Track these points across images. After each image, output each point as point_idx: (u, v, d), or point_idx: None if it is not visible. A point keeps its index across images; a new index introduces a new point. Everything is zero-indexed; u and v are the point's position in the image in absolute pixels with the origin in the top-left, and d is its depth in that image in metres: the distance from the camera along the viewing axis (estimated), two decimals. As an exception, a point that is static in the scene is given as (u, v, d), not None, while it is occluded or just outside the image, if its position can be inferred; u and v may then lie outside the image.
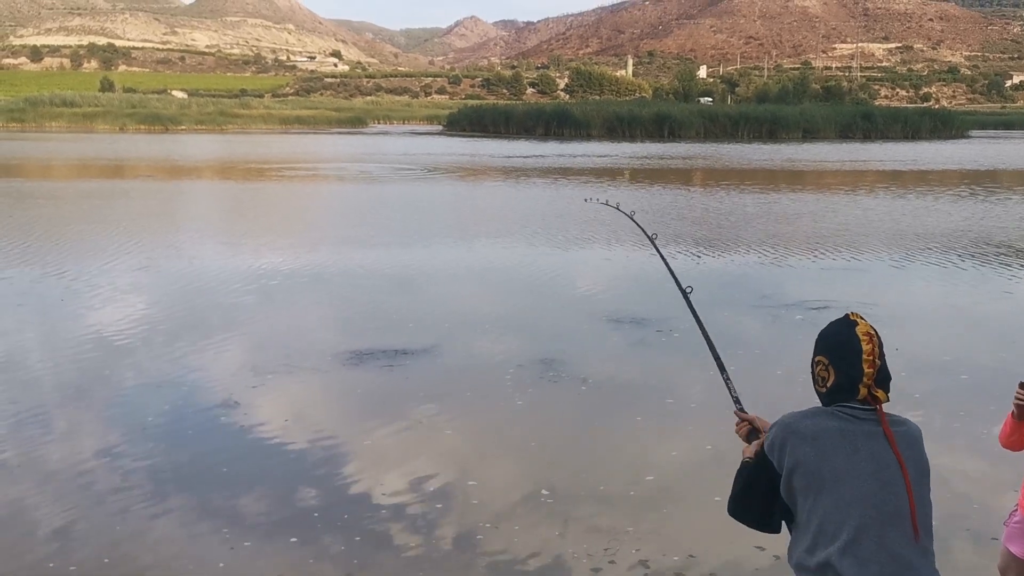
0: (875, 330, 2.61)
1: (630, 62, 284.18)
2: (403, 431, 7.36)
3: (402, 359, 9.32)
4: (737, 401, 3.20)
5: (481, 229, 19.62)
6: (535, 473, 6.56)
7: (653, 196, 27.61)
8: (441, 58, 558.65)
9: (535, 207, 24.37)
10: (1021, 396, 3.91)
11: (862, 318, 2.64)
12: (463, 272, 14.71)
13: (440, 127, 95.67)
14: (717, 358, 3.35)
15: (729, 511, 2.84)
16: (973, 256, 16.43)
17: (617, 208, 4.75)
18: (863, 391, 2.55)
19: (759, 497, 2.70)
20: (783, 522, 2.74)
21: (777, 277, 14.26)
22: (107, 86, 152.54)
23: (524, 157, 47.28)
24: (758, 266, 15.26)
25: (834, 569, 2.43)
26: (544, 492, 6.21)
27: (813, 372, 2.70)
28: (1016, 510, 4.26)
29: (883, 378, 2.58)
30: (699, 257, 16.23)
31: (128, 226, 19.48)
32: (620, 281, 14.08)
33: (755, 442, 2.93)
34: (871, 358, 2.55)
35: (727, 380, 3.26)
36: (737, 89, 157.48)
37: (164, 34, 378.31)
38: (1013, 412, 4.00)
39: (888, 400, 2.55)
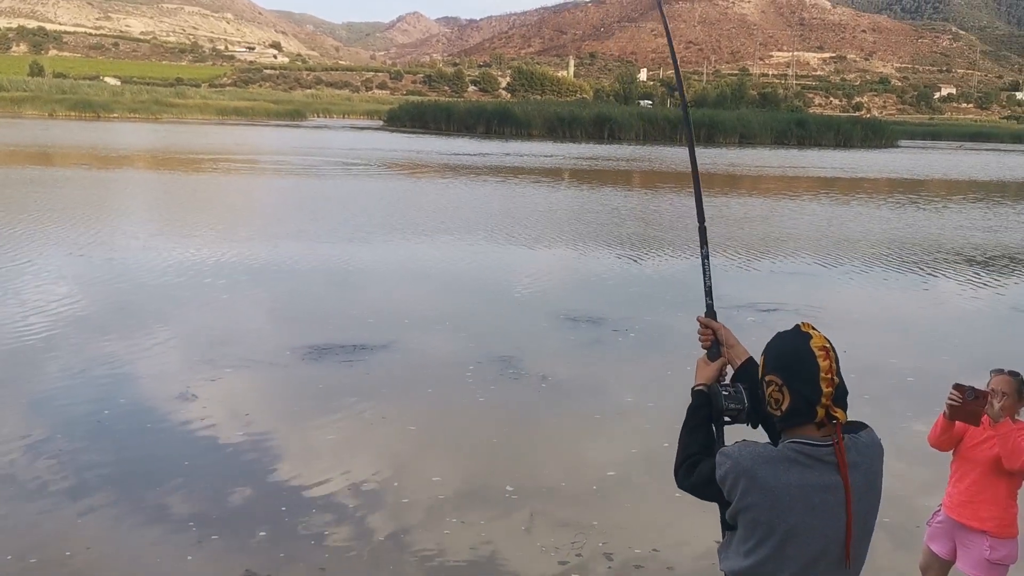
0: (830, 342, 2.35)
1: (571, 63, 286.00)
2: (367, 427, 7.39)
3: (362, 354, 9.33)
4: (709, 294, 2.91)
5: (438, 226, 19.61)
6: (498, 469, 6.65)
7: (605, 197, 27.93)
8: (383, 53, 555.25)
9: (490, 205, 24.42)
10: (954, 397, 4.07)
11: (814, 328, 2.38)
12: (421, 269, 14.71)
13: (380, 122, 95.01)
14: (703, 230, 3.01)
15: (680, 484, 2.56)
16: (920, 263, 16.98)
17: None
18: (821, 412, 2.31)
19: (707, 498, 2.49)
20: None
21: (728, 279, 14.51)
22: (36, 71, 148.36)
23: (471, 155, 47.25)
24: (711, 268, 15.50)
25: None
26: (508, 488, 6.29)
27: (763, 392, 2.41)
28: (939, 510, 4.44)
29: (841, 395, 2.33)
30: (653, 257, 16.50)
31: (74, 216, 19.04)
32: (576, 281, 14.23)
33: (713, 364, 2.74)
34: (829, 376, 2.30)
35: (706, 258, 2.95)
36: (676, 93, 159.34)
37: (97, 19, 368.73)
38: (945, 412, 4.16)
39: (846, 419, 2.34)
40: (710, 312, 2.90)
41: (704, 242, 2.97)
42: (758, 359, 2.49)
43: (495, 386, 8.49)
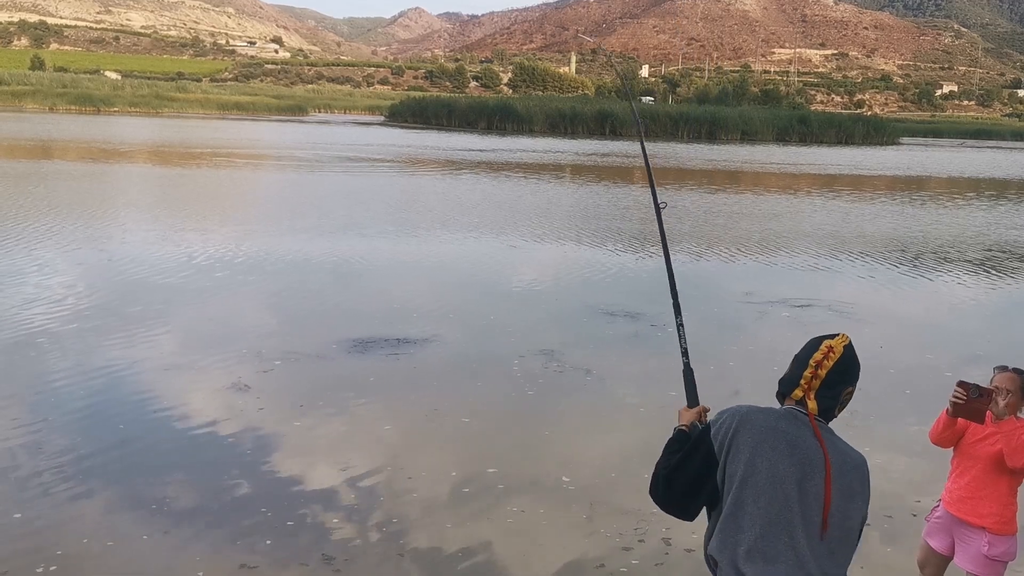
0: (846, 353, 2.68)
1: (573, 59, 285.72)
2: (422, 419, 7.49)
3: (407, 348, 9.45)
4: (685, 353, 3.15)
5: (473, 222, 19.81)
6: (553, 460, 6.76)
7: (629, 192, 28.15)
8: (384, 48, 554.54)
9: (521, 201, 24.54)
10: (958, 394, 4.09)
11: (844, 337, 2.73)
12: (459, 263, 14.89)
13: (382, 118, 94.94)
14: (675, 298, 3.30)
15: (652, 491, 2.80)
16: (951, 260, 17.15)
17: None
18: (798, 393, 2.67)
19: (689, 479, 2.69)
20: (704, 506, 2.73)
21: (762, 275, 14.61)
22: (38, 65, 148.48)
23: (482, 151, 47.33)
24: (739, 264, 15.57)
25: (738, 570, 2.53)
26: (565, 479, 6.41)
27: None
28: (938, 505, 4.46)
29: (825, 396, 2.65)
30: (683, 253, 16.62)
31: (116, 209, 19.23)
32: (609, 276, 14.35)
33: (692, 410, 2.95)
34: (814, 364, 2.66)
35: (680, 327, 3.19)
36: (678, 89, 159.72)
37: (98, 13, 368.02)
38: (948, 409, 4.19)
39: (817, 413, 2.63)
40: (687, 369, 3.12)
41: (678, 312, 3.25)
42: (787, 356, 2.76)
43: (542, 380, 8.62)
